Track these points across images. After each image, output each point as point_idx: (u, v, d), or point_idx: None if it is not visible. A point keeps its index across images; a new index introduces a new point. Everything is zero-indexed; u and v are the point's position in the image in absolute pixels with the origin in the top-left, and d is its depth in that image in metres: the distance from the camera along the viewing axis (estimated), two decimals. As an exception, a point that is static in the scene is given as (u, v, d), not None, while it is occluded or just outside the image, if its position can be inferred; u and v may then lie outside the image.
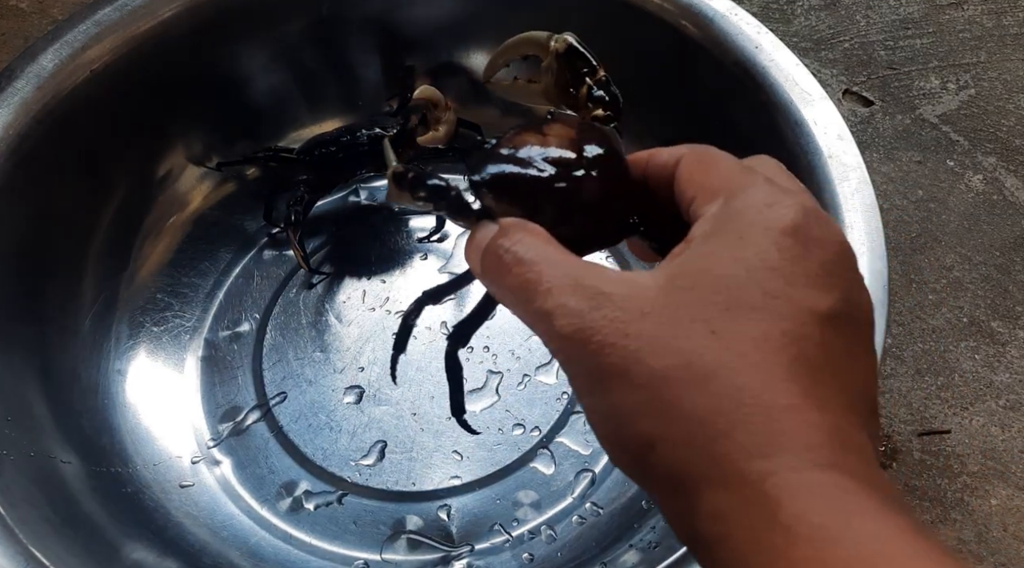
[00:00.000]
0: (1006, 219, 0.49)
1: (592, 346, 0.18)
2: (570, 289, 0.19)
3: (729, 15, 0.39)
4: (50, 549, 0.29)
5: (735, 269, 0.18)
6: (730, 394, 0.17)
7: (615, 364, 0.18)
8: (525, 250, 0.20)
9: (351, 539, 0.37)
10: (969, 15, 0.58)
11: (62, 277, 0.40)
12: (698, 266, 0.19)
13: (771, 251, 0.18)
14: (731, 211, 0.19)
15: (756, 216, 0.19)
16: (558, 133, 0.24)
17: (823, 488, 0.16)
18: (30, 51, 0.38)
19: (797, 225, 0.19)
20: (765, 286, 0.18)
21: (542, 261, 0.19)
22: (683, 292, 0.18)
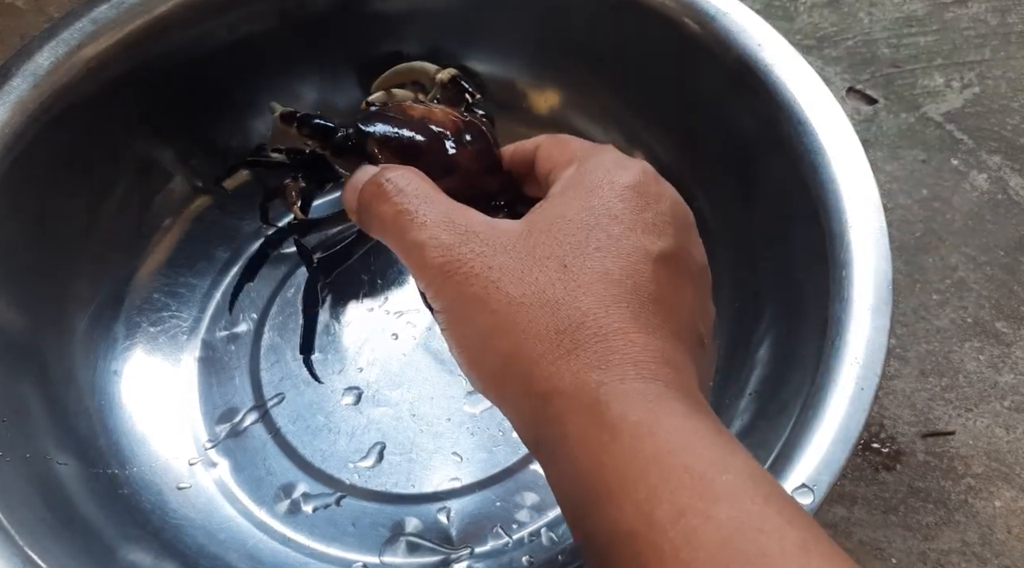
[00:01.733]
0: (1011, 218, 0.49)
1: (458, 276, 0.21)
2: (443, 224, 0.21)
3: (731, 12, 0.39)
4: (47, 551, 0.29)
5: (585, 216, 0.21)
6: (574, 318, 0.20)
7: (477, 293, 0.20)
8: (406, 183, 0.22)
9: (350, 541, 0.37)
10: (973, 13, 0.58)
11: (58, 277, 0.39)
12: (554, 213, 0.22)
13: (615, 202, 0.22)
14: (582, 171, 0.23)
15: (604, 175, 0.22)
16: (444, 112, 0.27)
17: (643, 395, 0.19)
18: (26, 49, 0.38)
19: (638, 182, 0.22)
20: (609, 230, 0.21)
21: (420, 196, 0.22)
22: (540, 234, 0.21)
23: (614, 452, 0.18)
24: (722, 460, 0.18)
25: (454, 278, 0.21)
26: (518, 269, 0.20)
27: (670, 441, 0.18)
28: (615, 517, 0.17)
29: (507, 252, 0.21)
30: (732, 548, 0.16)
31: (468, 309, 0.21)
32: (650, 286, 0.21)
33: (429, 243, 0.21)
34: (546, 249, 0.21)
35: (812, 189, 0.34)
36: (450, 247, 0.21)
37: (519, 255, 0.21)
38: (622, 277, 0.20)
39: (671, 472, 0.17)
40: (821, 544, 0.16)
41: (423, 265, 0.21)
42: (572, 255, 0.20)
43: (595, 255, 0.21)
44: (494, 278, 0.20)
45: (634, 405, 0.18)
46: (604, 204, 0.22)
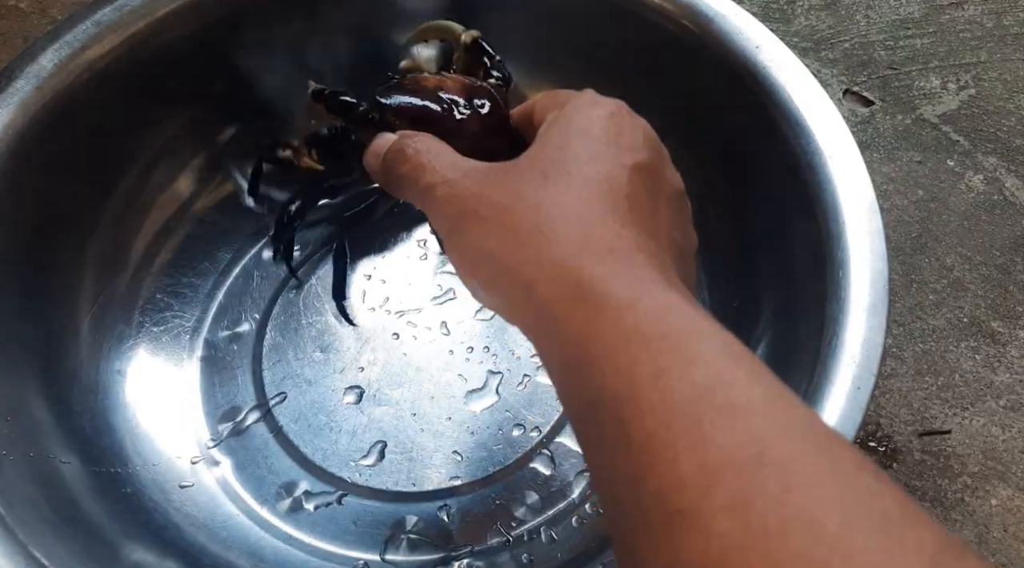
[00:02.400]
0: (1006, 219, 0.49)
1: (457, 200, 0.24)
2: (449, 168, 0.25)
3: (729, 15, 0.39)
4: (49, 549, 0.29)
5: (566, 140, 0.24)
6: (553, 214, 0.22)
7: (473, 209, 0.23)
8: (423, 145, 0.26)
9: (351, 539, 0.37)
10: (969, 15, 0.58)
11: (61, 277, 0.40)
12: (540, 144, 0.24)
13: (594, 128, 0.24)
14: (565, 111, 0.25)
15: (583, 110, 0.25)
16: (455, 80, 0.30)
17: (622, 275, 0.20)
18: (29, 51, 0.38)
19: (613, 112, 0.25)
20: (588, 148, 0.23)
21: (434, 153, 0.25)
22: (528, 159, 0.24)
23: (598, 324, 0.20)
24: (699, 329, 0.19)
25: (453, 202, 0.24)
26: (506, 185, 0.23)
27: (650, 313, 0.19)
28: (600, 382, 0.19)
29: (499, 176, 0.24)
30: (704, 402, 0.17)
31: (464, 222, 0.23)
32: (625, 188, 0.23)
33: (437, 183, 0.24)
34: (533, 168, 0.23)
35: (809, 190, 0.35)
36: (453, 181, 0.24)
37: (509, 177, 0.23)
38: (599, 180, 0.23)
39: (651, 340, 0.19)
40: (784, 397, 0.18)
41: (433, 203, 0.24)
42: (555, 169, 0.23)
43: (572, 164, 0.23)
44: (485, 195, 0.23)
45: (614, 283, 0.20)
46: (580, 129, 0.24)
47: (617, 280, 0.20)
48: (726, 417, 0.17)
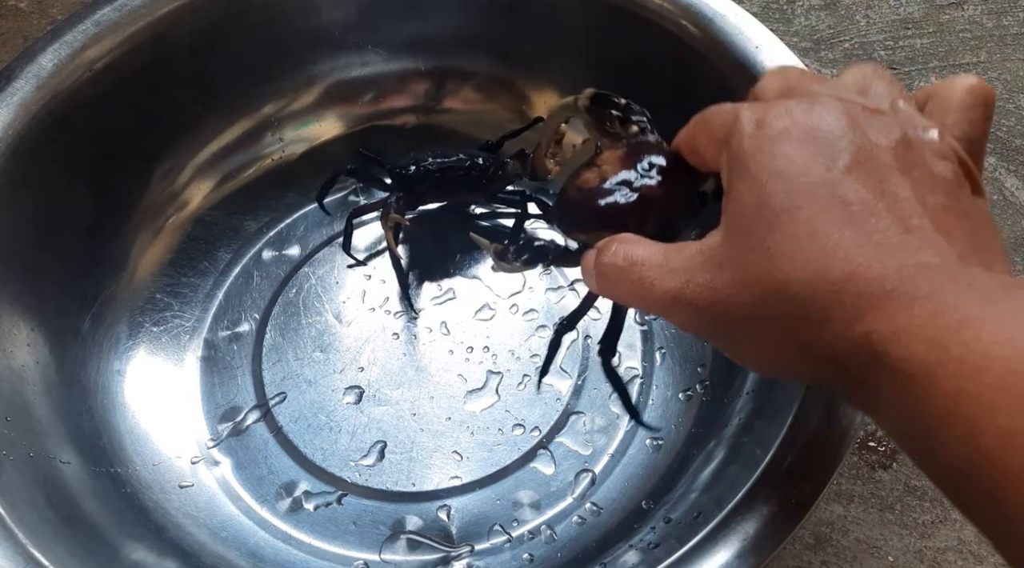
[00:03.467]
0: (1006, 219, 0.49)
1: (701, 314, 0.22)
2: (666, 275, 0.22)
3: (729, 15, 0.39)
4: (49, 549, 0.29)
5: (756, 194, 0.21)
6: (807, 290, 0.19)
7: (723, 318, 0.21)
8: (623, 258, 0.24)
9: (351, 539, 0.37)
10: (969, 15, 0.58)
11: (61, 276, 0.40)
12: (736, 208, 0.22)
13: (773, 162, 0.21)
14: (733, 152, 0.22)
15: (751, 143, 0.22)
16: (609, 159, 0.28)
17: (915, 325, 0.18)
18: (29, 51, 0.38)
19: (784, 128, 0.21)
20: (783, 189, 0.20)
21: (640, 260, 0.23)
22: (736, 234, 0.21)
23: (916, 396, 0.17)
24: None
25: (698, 316, 0.22)
26: (740, 277, 0.21)
27: (965, 365, 0.16)
28: (949, 457, 0.17)
29: (723, 268, 0.21)
30: None
31: (725, 333, 0.22)
32: (853, 209, 0.19)
33: (670, 297, 0.22)
34: (747, 243, 0.21)
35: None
36: (681, 292, 0.22)
37: (733, 265, 0.21)
38: (821, 223, 0.20)
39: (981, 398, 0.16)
40: None
41: (675, 317, 0.23)
42: (769, 235, 0.20)
43: (785, 221, 0.20)
44: (724, 298, 0.21)
45: (912, 341, 0.17)
46: (766, 171, 0.21)
47: (912, 333, 0.17)
48: None
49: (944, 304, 0.17)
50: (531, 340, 0.42)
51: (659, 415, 0.40)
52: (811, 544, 0.38)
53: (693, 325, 0.23)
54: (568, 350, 0.42)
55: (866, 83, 0.24)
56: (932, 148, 0.21)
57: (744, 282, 0.21)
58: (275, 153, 0.48)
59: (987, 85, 0.23)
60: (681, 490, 0.35)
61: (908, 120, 0.22)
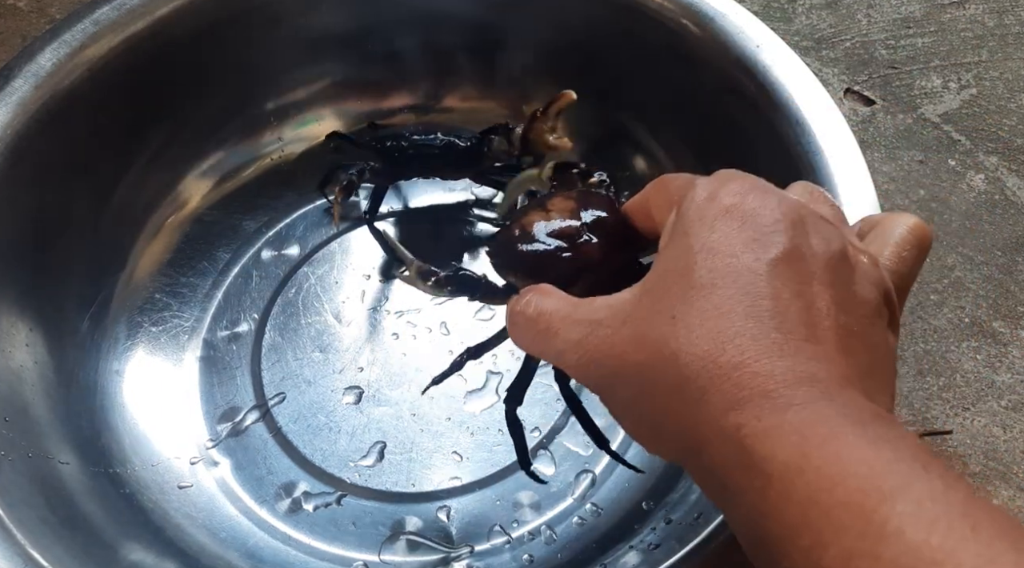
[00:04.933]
0: (1008, 219, 0.49)
1: (593, 365, 0.22)
2: (571, 325, 0.22)
3: (730, 14, 0.39)
4: (48, 550, 0.29)
5: (683, 261, 0.21)
6: (694, 366, 0.19)
7: (613, 370, 0.21)
8: (534, 308, 0.24)
9: (350, 540, 0.37)
10: (971, 14, 0.58)
11: (60, 277, 0.39)
12: (661, 269, 0.22)
13: (709, 236, 0.21)
14: (679, 215, 0.22)
15: (696, 212, 0.22)
16: (560, 206, 0.28)
17: (783, 428, 0.18)
18: (28, 50, 0.38)
19: (731, 205, 0.21)
20: (708, 266, 0.20)
21: (549, 312, 0.23)
22: (649, 295, 0.21)
23: (770, 499, 0.17)
24: (884, 486, 0.16)
25: (591, 368, 0.22)
26: (638, 335, 0.21)
27: (822, 476, 0.17)
28: (787, 564, 0.17)
29: (626, 323, 0.21)
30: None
31: (611, 388, 0.22)
32: (764, 303, 0.20)
33: (565, 348, 0.22)
34: (656, 307, 0.21)
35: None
36: (581, 343, 0.22)
37: (635, 323, 0.21)
38: (731, 307, 0.20)
39: (831, 512, 0.16)
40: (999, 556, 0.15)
41: (569, 366, 0.23)
42: (679, 304, 0.20)
43: (700, 294, 0.20)
44: (618, 352, 0.21)
45: (777, 442, 0.18)
46: (700, 243, 0.21)
47: (779, 437, 0.18)
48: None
49: (816, 416, 0.18)
50: (531, 340, 0.42)
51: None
52: (812, 545, 0.38)
53: (582, 376, 0.23)
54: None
55: (812, 200, 0.24)
56: (864, 271, 0.22)
57: (640, 341, 0.21)
58: (274, 153, 0.48)
59: (927, 228, 0.24)
60: (682, 491, 0.35)
61: (849, 238, 0.23)
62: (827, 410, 0.18)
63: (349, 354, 0.42)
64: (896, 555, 0.15)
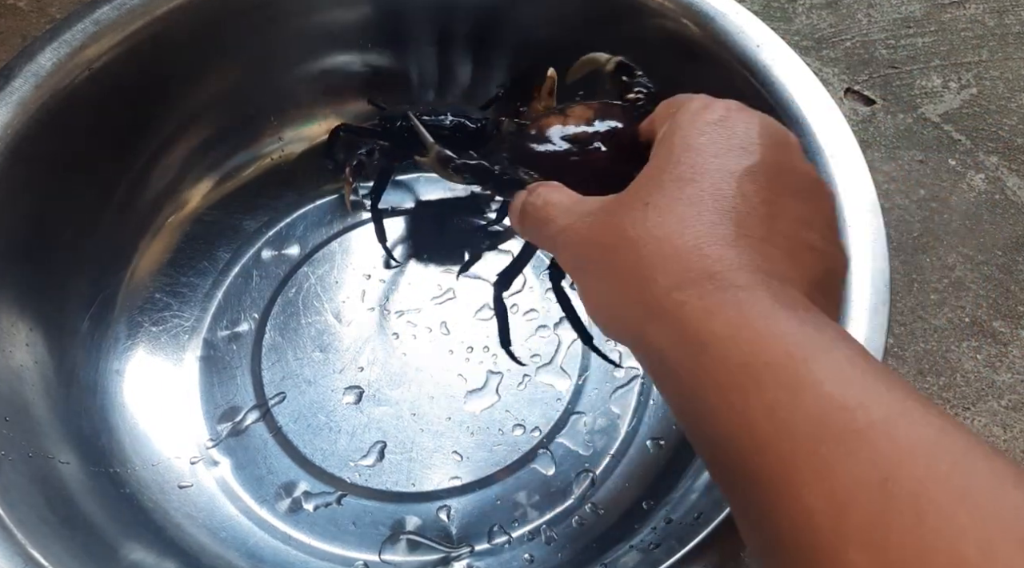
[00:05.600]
0: (1008, 218, 0.49)
1: (571, 246, 0.24)
2: (565, 215, 0.24)
3: (730, 14, 0.39)
4: (48, 549, 0.29)
5: (671, 159, 0.23)
6: (652, 249, 0.21)
7: (585, 254, 0.23)
8: (543, 197, 0.25)
9: (350, 540, 0.37)
10: (971, 14, 0.58)
11: (60, 276, 0.39)
12: (650, 167, 0.23)
13: (701, 138, 0.23)
14: (673, 124, 0.24)
15: (691, 119, 0.23)
16: (578, 114, 0.29)
17: (723, 304, 0.19)
18: (28, 50, 0.38)
19: (721, 117, 0.23)
20: (690, 162, 0.22)
21: (553, 203, 0.25)
22: (632, 190, 0.23)
23: (705, 365, 0.19)
24: (809, 350, 0.18)
25: (570, 248, 0.24)
26: (612, 222, 0.22)
27: (753, 342, 0.18)
28: (716, 425, 0.18)
29: (609, 213, 0.23)
30: (822, 430, 0.16)
31: (579, 269, 0.23)
32: (732, 200, 0.21)
33: (556, 232, 0.24)
34: (635, 197, 0.22)
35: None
36: (568, 227, 0.24)
37: (615, 212, 0.22)
38: (702, 198, 0.21)
39: (759, 372, 0.18)
40: (910, 413, 0.17)
41: (555, 248, 0.25)
42: (654, 193, 0.22)
43: (678, 185, 0.22)
44: (593, 236, 0.23)
45: (715, 317, 0.19)
46: (686, 142, 0.23)
47: (718, 312, 0.19)
48: (847, 444, 0.16)
49: (753, 298, 0.19)
50: (531, 340, 0.42)
51: (659, 415, 0.40)
52: (812, 544, 0.38)
53: (563, 260, 0.24)
54: (568, 350, 0.42)
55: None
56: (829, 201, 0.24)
57: (613, 226, 0.22)
58: (274, 153, 0.48)
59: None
60: (682, 491, 0.35)
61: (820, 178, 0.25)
62: (765, 296, 0.19)
63: (349, 354, 0.42)
64: (812, 402, 0.17)
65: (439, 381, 0.41)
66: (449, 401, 0.40)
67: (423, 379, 0.41)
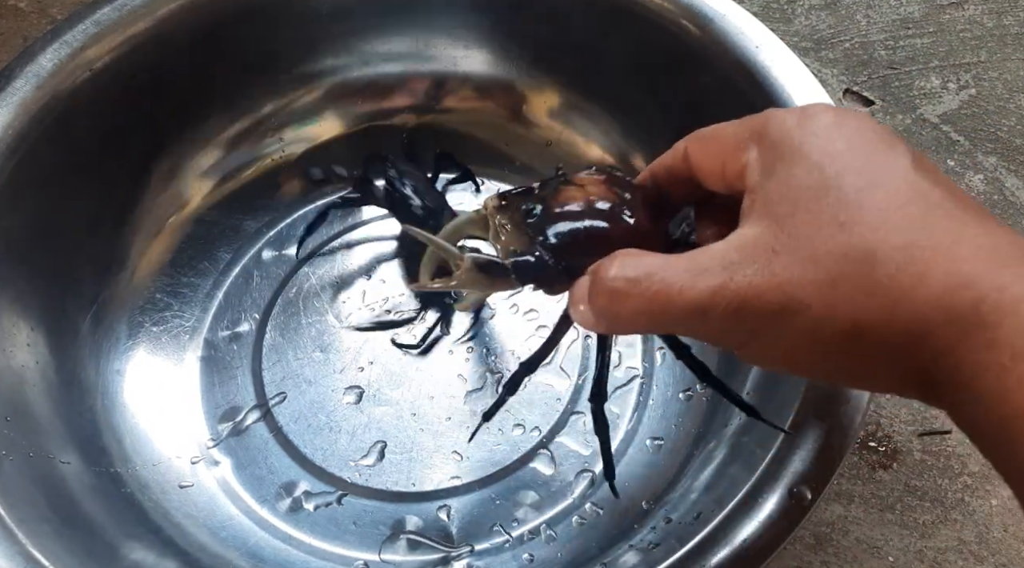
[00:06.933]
0: (1007, 219, 0.49)
1: (747, 310, 0.19)
2: (699, 277, 0.20)
3: (729, 15, 0.39)
4: (49, 549, 0.29)
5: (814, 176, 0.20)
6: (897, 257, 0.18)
7: (777, 308, 0.19)
8: (631, 271, 0.21)
9: (351, 539, 0.37)
10: (970, 15, 0.58)
11: (60, 277, 0.40)
12: (786, 191, 0.20)
13: (833, 145, 0.20)
14: (773, 144, 0.21)
15: (801, 130, 0.21)
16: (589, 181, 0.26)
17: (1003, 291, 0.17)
18: (29, 51, 0.38)
19: (834, 119, 0.21)
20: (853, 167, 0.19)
21: (654, 270, 0.20)
22: (793, 217, 0.19)
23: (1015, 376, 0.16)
24: None
25: (741, 314, 0.19)
26: (807, 256, 0.19)
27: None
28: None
29: (778, 252, 0.19)
30: None
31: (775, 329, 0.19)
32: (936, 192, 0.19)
33: (698, 303, 0.20)
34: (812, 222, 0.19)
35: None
36: (719, 291, 0.19)
37: (794, 245, 0.19)
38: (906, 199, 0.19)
39: None
40: None
41: (713, 319, 0.20)
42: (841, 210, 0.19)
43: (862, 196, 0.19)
44: (781, 283, 0.19)
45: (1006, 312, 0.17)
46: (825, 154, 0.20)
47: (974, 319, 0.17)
48: None
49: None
50: (531, 340, 0.42)
51: (659, 415, 0.40)
52: (811, 544, 0.38)
53: (728, 329, 0.20)
54: (568, 351, 0.42)
55: None
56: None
57: (814, 258, 0.19)
58: (275, 153, 0.48)
59: None
60: (681, 490, 0.35)
61: None
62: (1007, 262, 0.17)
63: (349, 354, 0.42)
64: None
65: (439, 381, 0.41)
66: (449, 401, 0.41)
67: (423, 379, 0.41)
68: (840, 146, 0.20)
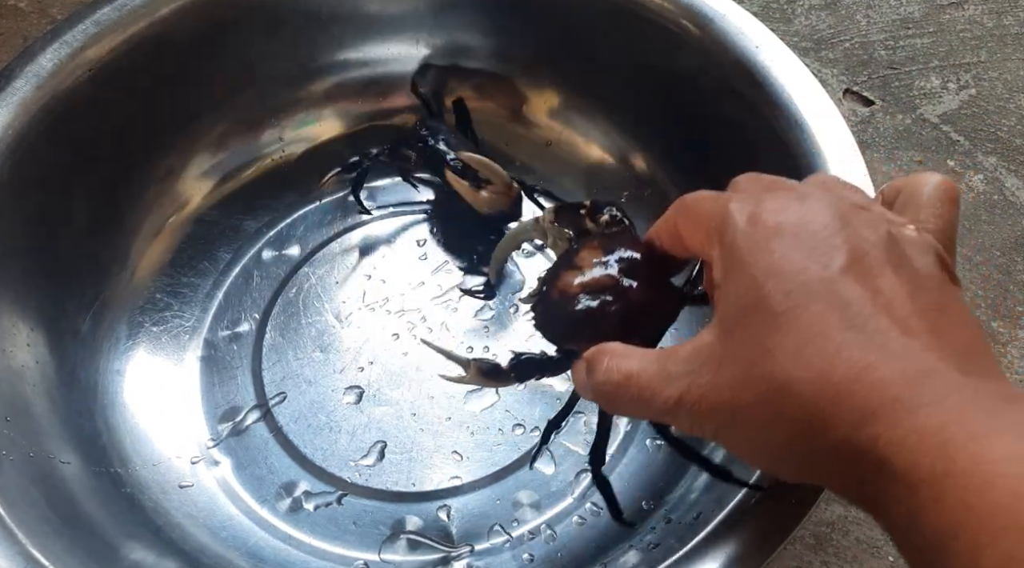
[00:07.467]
0: (1007, 219, 0.49)
1: (706, 414, 0.21)
2: (666, 383, 0.22)
3: (729, 15, 0.39)
4: (49, 549, 0.29)
5: (754, 293, 0.21)
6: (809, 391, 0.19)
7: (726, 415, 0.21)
8: (617, 373, 0.23)
9: (351, 539, 0.37)
10: (970, 15, 0.58)
11: (61, 276, 0.40)
12: (732, 306, 0.21)
13: (770, 259, 0.21)
14: (728, 247, 0.22)
15: (745, 239, 0.22)
16: (588, 259, 0.27)
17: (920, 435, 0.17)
18: (29, 51, 0.38)
19: (778, 224, 0.21)
20: (781, 288, 0.20)
21: (635, 373, 0.23)
22: (733, 334, 0.21)
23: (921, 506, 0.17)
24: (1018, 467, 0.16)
25: (703, 417, 0.22)
26: (741, 375, 0.21)
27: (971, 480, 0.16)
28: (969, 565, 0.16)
29: (723, 365, 0.21)
30: None
31: (729, 429, 0.21)
32: (852, 309, 0.19)
33: (668, 406, 0.22)
34: (747, 343, 0.21)
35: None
36: (683, 398, 0.22)
37: (732, 364, 0.21)
38: (823, 323, 0.19)
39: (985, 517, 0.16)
40: None
41: (678, 421, 0.22)
42: (769, 335, 0.20)
43: (785, 322, 0.20)
44: (727, 398, 0.21)
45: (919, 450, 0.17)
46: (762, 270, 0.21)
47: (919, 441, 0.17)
48: None
49: (950, 414, 0.17)
50: (531, 340, 0.42)
51: (659, 415, 0.40)
52: (811, 544, 0.38)
53: (697, 427, 0.22)
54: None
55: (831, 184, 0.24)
56: (914, 243, 0.22)
57: (747, 380, 0.20)
58: (275, 153, 0.48)
59: (950, 181, 0.24)
60: (681, 490, 0.35)
61: (887, 216, 0.22)
62: (958, 405, 0.18)
63: (349, 354, 0.42)
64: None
65: (439, 381, 0.41)
66: (449, 401, 0.41)
67: (423, 379, 0.41)
68: (775, 261, 0.21)
